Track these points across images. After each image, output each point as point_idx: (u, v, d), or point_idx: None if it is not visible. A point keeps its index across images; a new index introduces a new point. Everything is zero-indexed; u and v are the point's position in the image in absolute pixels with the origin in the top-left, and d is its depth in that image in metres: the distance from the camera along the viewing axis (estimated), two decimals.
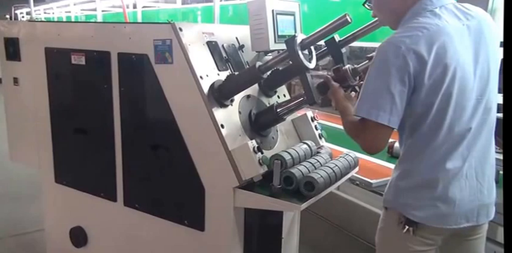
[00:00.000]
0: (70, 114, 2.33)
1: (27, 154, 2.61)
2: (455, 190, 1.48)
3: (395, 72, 1.37)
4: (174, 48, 1.79)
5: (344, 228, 3.38)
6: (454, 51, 1.40)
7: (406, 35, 1.39)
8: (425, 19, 1.43)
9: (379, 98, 1.40)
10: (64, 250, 2.51)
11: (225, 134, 1.76)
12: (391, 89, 1.38)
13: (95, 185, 2.29)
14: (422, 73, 1.38)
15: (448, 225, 1.51)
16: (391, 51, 1.38)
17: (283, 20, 1.97)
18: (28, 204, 3.61)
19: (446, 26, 1.42)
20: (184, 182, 1.91)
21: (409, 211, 1.51)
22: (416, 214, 1.50)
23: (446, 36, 1.40)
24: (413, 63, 1.36)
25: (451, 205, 1.48)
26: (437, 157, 1.47)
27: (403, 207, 1.53)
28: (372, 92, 1.42)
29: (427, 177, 1.49)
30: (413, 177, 1.52)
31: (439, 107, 1.42)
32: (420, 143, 1.49)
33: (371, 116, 1.41)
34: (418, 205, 1.50)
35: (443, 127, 1.44)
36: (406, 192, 1.53)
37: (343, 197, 3.31)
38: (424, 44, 1.37)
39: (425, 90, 1.40)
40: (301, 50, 1.64)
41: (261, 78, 1.84)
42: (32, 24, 2.48)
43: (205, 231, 1.89)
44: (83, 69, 2.17)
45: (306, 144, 2.00)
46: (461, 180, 1.49)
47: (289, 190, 1.74)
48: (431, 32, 1.39)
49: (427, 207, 1.49)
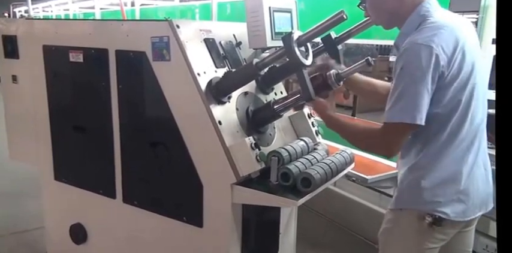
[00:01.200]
0: (69, 111, 2.34)
1: (27, 152, 2.62)
2: (474, 182, 1.53)
3: (431, 72, 1.40)
4: (171, 46, 1.80)
5: (341, 223, 3.40)
6: (471, 46, 1.47)
7: (432, 34, 1.42)
8: (438, 19, 1.48)
9: (421, 101, 1.42)
10: (64, 247, 2.52)
11: (222, 131, 1.77)
12: (426, 92, 1.41)
13: (94, 182, 2.30)
14: (452, 69, 1.42)
15: (468, 216, 1.55)
16: (424, 51, 1.40)
17: (280, 17, 1.97)
18: (28, 201, 3.62)
19: (456, 24, 1.49)
20: (183, 179, 1.92)
21: (434, 208, 1.52)
22: (443, 210, 1.51)
23: (462, 32, 1.46)
24: (444, 61, 1.40)
25: (471, 197, 1.53)
26: (461, 150, 1.52)
27: (428, 205, 1.53)
28: (408, 95, 1.43)
29: (452, 172, 1.52)
30: (437, 174, 1.53)
31: (465, 102, 1.48)
32: (446, 140, 1.51)
33: (406, 119, 1.43)
34: (445, 202, 1.52)
35: (467, 120, 1.50)
36: (430, 190, 1.53)
37: (340, 193, 3.33)
38: (451, 42, 1.42)
39: (455, 86, 1.45)
40: (298, 47, 1.65)
41: (258, 75, 1.84)
42: (30, 22, 2.48)
43: (204, 227, 1.90)
44: (81, 67, 2.17)
45: (303, 140, 2.02)
46: (476, 170, 1.54)
47: (286, 186, 1.76)
48: (452, 29, 1.45)
49: (453, 203, 1.52)
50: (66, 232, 2.46)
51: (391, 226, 1.65)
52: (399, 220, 1.63)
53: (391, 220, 1.65)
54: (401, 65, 1.44)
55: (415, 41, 1.43)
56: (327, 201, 3.10)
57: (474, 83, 1.48)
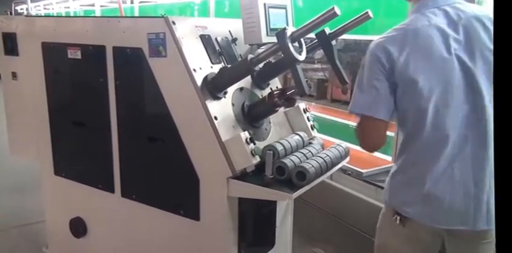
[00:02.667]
0: (68, 107, 2.37)
1: (27, 147, 2.65)
2: (445, 191, 1.49)
3: (376, 69, 1.48)
4: (167, 42, 1.82)
5: (337, 216, 3.42)
6: (430, 53, 1.44)
7: (385, 35, 1.51)
8: (410, 21, 1.52)
9: (365, 93, 1.51)
10: (64, 240, 2.56)
11: (218, 126, 1.79)
12: (373, 83, 1.48)
13: (93, 177, 2.33)
14: (394, 68, 1.46)
15: (437, 224, 1.53)
16: (373, 50, 1.50)
17: (275, 14, 1.99)
18: (30, 195, 3.66)
19: (427, 26, 1.47)
20: (179, 173, 1.95)
21: (398, 206, 1.58)
22: (405, 209, 1.56)
23: (425, 37, 1.46)
24: (385, 60, 1.46)
25: (439, 204, 1.50)
26: (424, 155, 1.51)
27: (394, 202, 1.60)
28: (359, 88, 1.53)
29: (414, 175, 1.54)
30: (404, 174, 1.58)
31: (419, 107, 1.46)
32: (406, 142, 1.56)
33: (355, 110, 1.54)
34: (409, 201, 1.55)
35: (426, 125, 1.47)
36: (398, 189, 1.59)
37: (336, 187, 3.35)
38: (397, 44, 1.46)
39: (402, 86, 1.47)
40: (292, 43, 1.67)
41: (253, 71, 1.87)
42: (29, 19, 2.51)
43: (201, 220, 1.93)
44: (79, 63, 2.20)
45: (298, 135, 2.04)
46: (452, 182, 1.49)
47: (282, 180, 1.78)
48: (408, 32, 1.47)
49: (415, 204, 1.54)
50: (66, 226, 2.50)
51: (380, 217, 1.73)
52: (384, 213, 1.71)
53: (382, 212, 1.73)
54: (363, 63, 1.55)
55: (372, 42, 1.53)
56: (323, 195, 3.12)
57: (430, 88, 1.43)
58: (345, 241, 3.18)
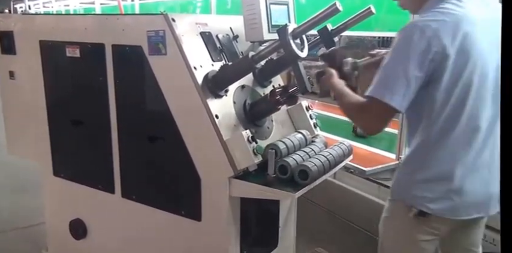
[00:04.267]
0: (66, 107, 2.34)
1: (25, 147, 2.62)
2: (471, 183, 1.48)
3: (416, 56, 1.36)
4: (167, 39, 1.79)
5: (341, 215, 3.40)
6: (477, 41, 1.39)
7: (433, 19, 1.39)
8: (452, 6, 1.42)
9: (396, 81, 1.39)
10: (64, 242, 2.53)
11: (219, 124, 1.77)
12: (409, 73, 1.37)
13: (92, 178, 2.30)
14: (444, 60, 1.37)
15: (459, 216, 1.51)
16: (416, 34, 1.36)
17: (277, 10, 1.96)
18: (29, 197, 3.64)
19: (471, 14, 1.41)
20: (180, 173, 1.92)
21: (423, 204, 1.51)
22: (431, 206, 1.50)
23: (471, 24, 1.39)
24: (436, 49, 1.35)
25: (465, 197, 1.48)
26: (455, 149, 1.47)
27: (416, 200, 1.53)
28: (389, 74, 1.41)
29: (444, 170, 1.49)
30: (429, 169, 1.51)
31: (459, 97, 1.42)
32: (438, 134, 1.47)
33: (384, 97, 1.39)
34: (434, 198, 1.50)
35: (462, 118, 1.44)
36: (420, 185, 1.53)
37: (340, 185, 3.33)
38: (449, 31, 1.36)
39: (446, 79, 1.40)
40: (293, 39, 1.64)
41: (255, 68, 1.85)
42: (26, 17, 2.48)
43: (202, 221, 1.90)
44: (78, 62, 2.17)
45: (300, 133, 2.01)
46: (475, 172, 1.49)
47: (284, 179, 1.76)
48: (458, 18, 1.39)
49: (442, 200, 1.49)
50: (66, 227, 2.47)
51: (386, 215, 1.67)
52: (393, 210, 1.64)
53: (388, 209, 1.67)
54: (394, 43, 1.42)
55: (413, 22, 1.41)
56: (327, 194, 3.10)
57: (471, 80, 1.41)
58: (349, 240, 3.16)
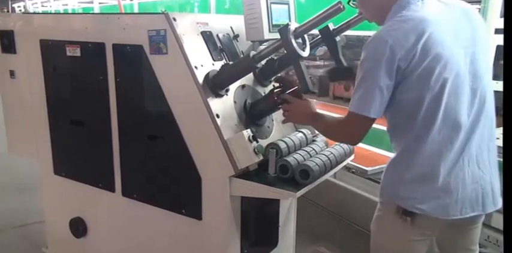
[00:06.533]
0: (67, 106, 2.34)
1: (25, 146, 2.62)
2: (457, 180, 1.48)
3: (383, 66, 1.40)
4: (168, 39, 1.79)
5: (341, 215, 3.40)
6: (442, 39, 1.42)
7: (392, 28, 1.42)
8: (410, 12, 1.45)
9: (370, 93, 1.43)
10: (64, 240, 2.53)
11: (220, 124, 1.77)
12: (380, 83, 1.41)
13: (93, 176, 2.30)
14: (411, 64, 1.40)
15: (452, 215, 1.50)
16: (379, 45, 1.41)
17: (277, 9, 1.96)
18: (29, 195, 3.63)
19: (431, 15, 1.44)
20: (181, 172, 1.92)
21: (411, 204, 1.51)
22: (419, 207, 1.50)
23: (432, 24, 1.41)
24: (400, 56, 1.38)
25: (454, 195, 1.48)
26: (436, 147, 1.47)
27: (403, 200, 1.53)
28: (362, 88, 1.45)
29: (428, 169, 1.49)
30: (413, 170, 1.51)
31: (432, 96, 1.43)
32: (418, 134, 1.49)
33: (363, 111, 1.45)
34: (421, 198, 1.50)
35: (439, 116, 1.44)
36: (407, 186, 1.53)
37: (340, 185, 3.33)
38: (410, 35, 1.39)
39: (416, 80, 1.42)
40: (295, 39, 1.65)
41: (256, 68, 1.84)
42: (27, 17, 2.47)
43: (203, 219, 1.91)
44: (79, 61, 2.17)
45: (301, 132, 2.02)
46: (463, 168, 1.49)
47: (285, 178, 1.76)
48: (416, 22, 1.41)
49: (430, 199, 1.49)
50: (67, 226, 2.47)
51: (377, 215, 1.68)
52: (383, 210, 1.65)
53: (379, 209, 1.68)
54: (362, 56, 1.46)
55: (376, 34, 1.44)
56: (327, 193, 3.10)
57: (443, 78, 1.41)
58: (350, 240, 3.16)
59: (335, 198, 3.45)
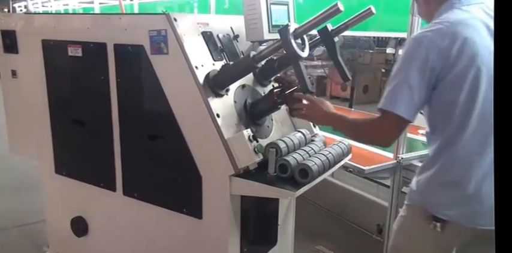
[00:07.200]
0: (68, 105, 2.35)
1: (27, 146, 2.63)
2: (489, 188, 1.44)
3: (416, 66, 1.40)
4: (169, 39, 1.81)
5: (339, 214, 3.42)
6: (478, 44, 1.40)
7: (429, 29, 1.43)
8: (450, 14, 1.46)
9: (400, 92, 1.43)
10: (66, 239, 2.55)
11: (220, 123, 1.78)
12: (411, 83, 1.41)
13: (94, 175, 2.32)
14: (445, 67, 1.39)
15: (481, 225, 1.46)
16: (415, 45, 1.42)
17: (277, 10, 1.98)
18: (31, 195, 3.65)
19: (471, 19, 1.43)
20: (182, 171, 1.94)
21: (439, 210, 1.50)
22: (447, 212, 1.49)
23: (471, 29, 1.41)
24: (434, 57, 1.38)
25: (485, 203, 1.45)
26: (468, 153, 1.45)
27: (432, 205, 1.52)
28: (393, 86, 1.45)
29: (459, 174, 1.47)
30: (444, 175, 1.51)
31: (465, 101, 1.42)
32: (450, 139, 1.48)
33: (393, 108, 1.44)
34: (450, 203, 1.49)
35: (471, 122, 1.43)
36: (436, 190, 1.52)
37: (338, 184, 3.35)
38: (446, 37, 1.39)
39: (449, 83, 1.41)
40: (294, 39, 1.66)
41: (256, 68, 1.86)
42: (29, 17, 2.49)
43: (203, 218, 1.92)
44: (80, 61, 2.18)
45: (300, 132, 2.03)
46: None
47: (284, 177, 1.77)
48: (454, 25, 1.41)
49: (459, 206, 1.48)
50: (68, 225, 2.49)
51: (403, 216, 1.67)
52: (409, 213, 1.64)
53: (405, 210, 1.67)
54: (400, 57, 1.47)
55: (413, 35, 1.46)
56: (325, 192, 3.12)
57: (477, 83, 1.40)
58: (347, 239, 3.18)
59: (333, 197, 3.47)
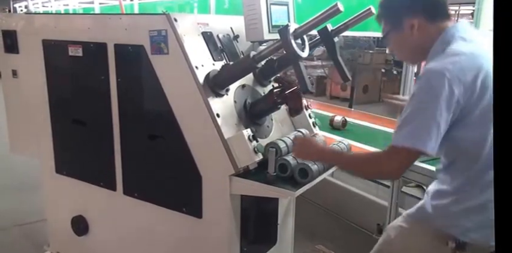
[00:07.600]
0: (69, 105, 2.36)
1: (27, 146, 2.64)
2: None
3: (442, 101, 1.34)
4: (169, 39, 1.81)
5: (339, 214, 3.43)
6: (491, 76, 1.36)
7: (448, 61, 1.37)
8: (459, 46, 1.42)
9: (426, 128, 1.36)
10: (66, 239, 2.56)
11: (220, 123, 1.79)
12: (437, 118, 1.35)
13: (94, 175, 2.33)
14: (470, 102, 1.36)
15: None
16: (436, 78, 1.35)
17: (277, 10, 1.99)
18: (31, 194, 3.65)
19: (483, 48, 1.40)
20: (182, 170, 1.95)
21: (462, 233, 1.49)
22: (472, 236, 1.48)
23: (484, 59, 1.37)
24: (458, 91, 1.34)
25: None
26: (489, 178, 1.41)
27: (454, 229, 1.51)
28: (417, 122, 1.38)
29: (485, 200, 1.44)
30: (469, 202, 1.48)
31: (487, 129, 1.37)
32: (476, 176, 1.45)
33: (417, 145, 1.37)
34: (475, 227, 1.47)
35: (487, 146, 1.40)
36: (459, 215, 1.50)
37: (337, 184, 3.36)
38: (467, 70, 1.35)
39: (477, 119, 1.37)
40: (294, 39, 1.67)
41: (256, 68, 1.87)
42: (29, 17, 2.49)
43: (203, 218, 1.93)
44: (81, 61, 2.19)
45: (300, 132, 2.04)
46: None
47: (284, 177, 1.78)
48: (471, 57, 1.38)
49: (484, 228, 1.46)
50: (68, 224, 2.49)
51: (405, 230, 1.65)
52: (414, 230, 1.63)
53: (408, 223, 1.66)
54: (414, 91, 1.41)
55: (428, 68, 1.40)
56: (324, 192, 3.13)
57: None
58: (346, 239, 3.19)
59: (333, 196, 3.48)
